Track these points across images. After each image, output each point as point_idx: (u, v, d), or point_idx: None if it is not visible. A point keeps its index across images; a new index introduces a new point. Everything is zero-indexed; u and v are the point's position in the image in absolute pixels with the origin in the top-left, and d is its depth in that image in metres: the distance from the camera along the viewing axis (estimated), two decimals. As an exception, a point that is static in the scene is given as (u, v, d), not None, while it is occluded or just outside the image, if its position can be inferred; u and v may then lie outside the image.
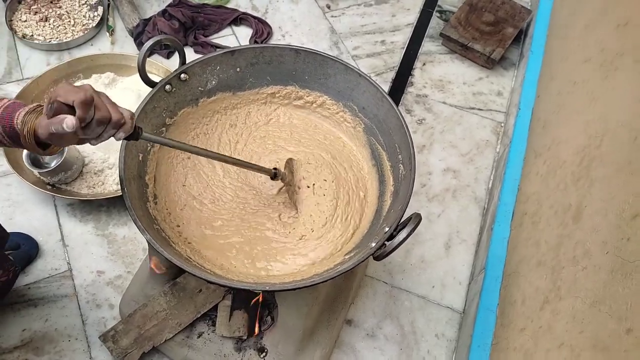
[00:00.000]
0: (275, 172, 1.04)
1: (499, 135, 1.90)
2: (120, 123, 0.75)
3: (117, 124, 0.74)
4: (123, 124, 0.75)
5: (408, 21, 2.22)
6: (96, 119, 0.71)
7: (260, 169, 1.03)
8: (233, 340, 1.32)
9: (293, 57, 1.13)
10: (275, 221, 1.08)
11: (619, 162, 1.00)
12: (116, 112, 0.74)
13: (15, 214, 1.57)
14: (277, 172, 1.04)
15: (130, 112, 0.77)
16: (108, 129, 0.74)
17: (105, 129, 0.74)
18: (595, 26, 1.46)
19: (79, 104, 0.69)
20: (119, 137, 0.77)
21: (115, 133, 0.76)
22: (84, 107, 0.69)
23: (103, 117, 0.72)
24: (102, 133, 0.74)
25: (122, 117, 0.75)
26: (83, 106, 0.69)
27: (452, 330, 1.50)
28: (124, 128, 0.76)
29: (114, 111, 0.74)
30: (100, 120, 0.72)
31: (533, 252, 1.26)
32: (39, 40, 1.92)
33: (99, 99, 0.72)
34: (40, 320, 1.40)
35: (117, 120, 0.74)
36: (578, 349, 0.89)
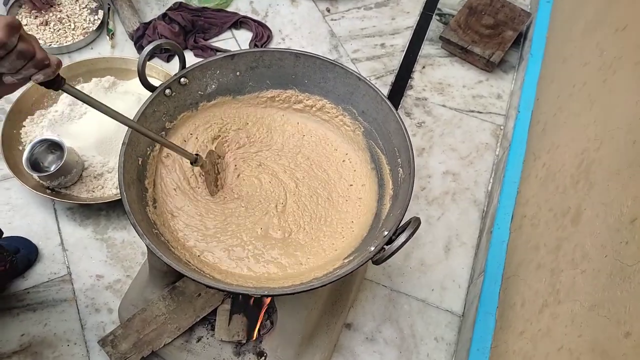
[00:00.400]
0: (196, 158, 1.03)
1: (499, 138, 1.90)
2: (44, 63, 0.70)
3: (40, 63, 0.69)
4: (47, 65, 0.71)
5: (408, 24, 2.23)
6: (18, 49, 0.66)
7: (183, 152, 1.02)
8: (232, 344, 1.32)
9: (293, 61, 1.13)
10: (275, 225, 1.08)
11: (618, 166, 1.00)
12: (42, 51, 0.69)
13: (14, 218, 1.57)
14: (197, 158, 1.03)
15: (59, 59, 0.73)
16: (28, 66, 0.69)
17: (26, 65, 0.68)
18: (594, 29, 1.47)
19: (4, 26, 0.63)
20: (37, 78, 0.71)
21: (36, 73, 0.70)
22: (9, 30, 0.64)
23: (26, 50, 0.67)
24: (21, 69, 0.68)
25: (46, 58, 0.70)
26: (8, 29, 0.64)
27: (452, 334, 1.49)
28: (45, 70, 0.71)
29: (40, 50, 0.69)
30: (22, 52, 0.66)
31: (532, 255, 1.26)
32: (38, 44, 1.92)
33: (28, 34, 0.68)
34: (39, 325, 1.40)
35: (41, 58, 0.69)
36: (577, 352, 0.89)
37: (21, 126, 1.66)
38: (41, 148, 1.53)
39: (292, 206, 1.11)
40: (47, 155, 1.56)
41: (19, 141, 1.64)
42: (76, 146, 1.58)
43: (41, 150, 1.54)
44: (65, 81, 0.77)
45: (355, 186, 1.15)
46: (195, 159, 1.03)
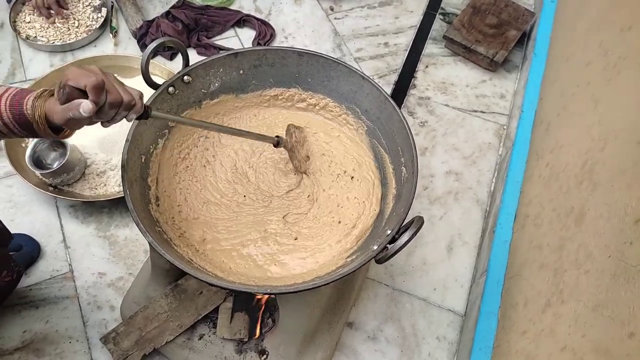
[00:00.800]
0: (278, 140, 1.05)
1: (502, 138, 1.90)
2: (131, 104, 0.76)
3: (129, 105, 0.76)
4: (134, 105, 0.77)
5: (411, 23, 2.22)
6: (108, 102, 0.72)
7: (262, 137, 1.04)
8: (234, 342, 1.32)
9: (296, 60, 1.13)
10: (278, 223, 1.08)
11: (622, 166, 0.99)
12: (126, 93, 0.75)
13: (17, 215, 1.57)
14: (279, 140, 1.05)
15: (138, 91, 0.78)
16: (120, 111, 0.75)
17: (118, 111, 0.75)
18: (598, 29, 1.46)
19: (91, 89, 0.70)
20: (130, 118, 0.79)
21: (128, 114, 0.77)
22: (97, 91, 0.70)
23: (115, 100, 0.73)
24: (115, 115, 0.76)
25: (132, 99, 0.76)
26: (95, 91, 0.70)
27: (454, 333, 1.49)
28: (135, 109, 0.77)
29: (125, 93, 0.75)
30: (112, 104, 0.73)
31: (535, 255, 1.26)
32: (42, 42, 1.93)
33: (109, 81, 0.73)
34: (41, 322, 1.40)
35: (128, 101, 0.75)
36: (580, 352, 0.89)
37: (24, 123, 1.66)
38: (44, 145, 1.53)
39: (297, 205, 1.11)
40: (49, 152, 1.56)
41: (22, 139, 1.64)
42: (79, 144, 1.58)
43: (44, 148, 1.54)
44: (151, 109, 0.84)
45: (358, 185, 1.15)
46: (277, 141, 1.05)
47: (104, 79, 0.71)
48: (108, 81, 0.73)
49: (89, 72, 0.70)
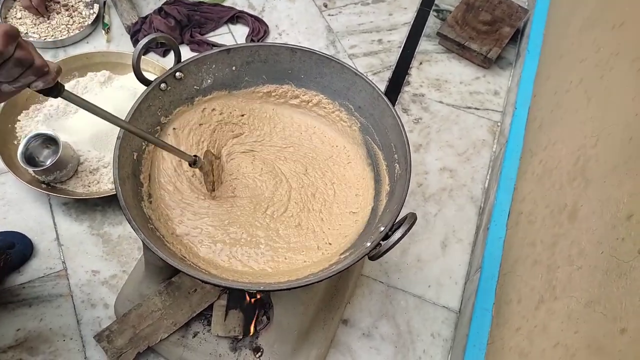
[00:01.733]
0: (195, 159, 1.01)
1: (496, 135, 1.90)
2: (43, 71, 0.68)
3: (39, 70, 0.68)
4: (46, 72, 0.69)
5: (405, 20, 2.22)
6: (16, 57, 0.64)
7: (181, 154, 1.00)
8: (228, 339, 1.32)
9: (289, 56, 1.12)
10: (271, 220, 1.08)
11: (614, 162, 1.00)
12: (41, 58, 0.68)
13: (9, 213, 1.56)
14: (197, 160, 1.02)
15: (58, 65, 0.71)
16: (27, 74, 0.67)
17: (24, 73, 0.66)
18: (591, 26, 1.46)
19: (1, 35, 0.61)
20: (36, 86, 0.69)
21: (34, 81, 0.69)
22: (6, 38, 0.62)
23: (24, 57, 0.65)
24: (19, 77, 0.67)
25: (45, 65, 0.68)
26: (5, 38, 0.62)
27: (448, 330, 1.50)
28: (45, 77, 0.69)
29: (39, 57, 0.67)
30: (20, 60, 0.65)
31: (529, 251, 1.26)
32: (34, 38, 1.91)
33: (27, 42, 0.66)
34: (34, 320, 1.39)
35: (40, 65, 0.67)
36: (573, 348, 0.89)
37: (16, 120, 1.65)
38: (36, 142, 1.52)
39: (290, 202, 1.11)
40: (42, 149, 1.55)
41: (14, 135, 1.63)
42: (71, 141, 1.57)
43: (36, 145, 1.53)
44: (64, 88, 0.75)
45: (351, 182, 1.14)
46: (194, 160, 1.02)
47: (19, 32, 0.63)
48: (22, 40, 0.65)
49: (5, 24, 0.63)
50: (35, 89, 0.70)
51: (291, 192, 1.12)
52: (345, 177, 1.15)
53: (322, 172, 1.16)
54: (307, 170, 1.16)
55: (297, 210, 1.10)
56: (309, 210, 1.10)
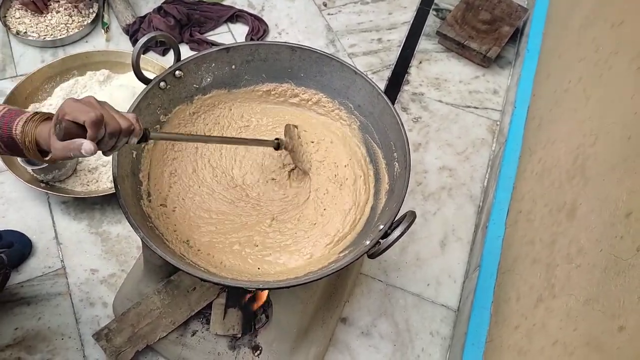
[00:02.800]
0: (277, 143, 1.04)
1: (495, 134, 1.90)
2: (130, 130, 0.74)
3: (128, 131, 0.74)
4: (133, 130, 0.75)
5: (404, 19, 2.22)
6: (108, 133, 0.71)
7: (261, 142, 1.03)
8: (227, 338, 1.32)
9: (289, 55, 1.12)
10: (270, 218, 1.08)
11: (613, 160, 1.00)
12: (124, 119, 0.73)
13: (8, 211, 1.56)
14: (279, 142, 1.04)
15: (134, 115, 0.77)
16: (120, 139, 0.74)
17: (118, 139, 0.74)
18: (590, 25, 1.46)
19: (90, 125, 0.68)
20: (132, 142, 0.77)
21: (128, 140, 0.76)
22: (96, 127, 0.69)
23: (114, 130, 0.72)
24: (116, 143, 0.74)
25: (131, 124, 0.74)
26: (94, 126, 0.68)
27: (447, 328, 1.50)
28: (134, 133, 0.76)
29: (122, 119, 0.73)
30: (112, 134, 0.72)
31: (528, 250, 1.27)
32: (33, 37, 1.91)
33: (106, 112, 0.71)
34: (33, 319, 1.39)
35: (127, 128, 0.74)
36: (572, 346, 0.89)
37: (15, 119, 1.65)
38: (35, 141, 1.52)
39: (289, 201, 1.11)
40: (41, 148, 1.55)
41: (13, 134, 1.63)
42: (71, 140, 1.57)
43: (35, 144, 1.53)
44: (149, 131, 0.80)
45: (350, 180, 1.14)
46: (277, 144, 1.04)
47: (102, 113, 0.70)
48: (106, 112, 0.71)
49: (87, 107, 0.68)
50: (132, 145, 0.78)
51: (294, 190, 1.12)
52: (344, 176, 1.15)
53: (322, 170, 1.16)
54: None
55: (299, 206, 1.10)
56: (311, 207, 1.10)
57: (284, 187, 1.13)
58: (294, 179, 1.15)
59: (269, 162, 1.15)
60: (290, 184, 1.14)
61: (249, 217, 1.07)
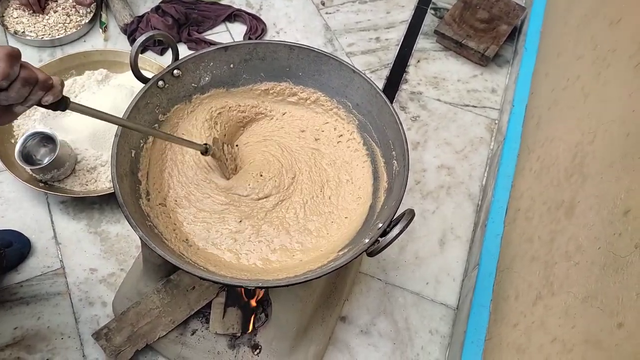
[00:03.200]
0: (206, 148, 1.02)
1: (493, 132, 1.91)
2: (49, 84, 0.69)
3: (45, 85, 0.69)
4: (51, 85, 0.70)
5: (403, 18, 2.22)
6: (22, 77, 0.65)
7: (190, 144, 1.01)
8: (227, 337, 1.32)
9: (287, 53, 1.12)
10: (270, 216, 1.08)
11: (611, 158, 1.00)
12: (43, 73, 0.69)
13: (7, 211, 1.56)
14: (207, 148, 1.02)
15: (59, 78, 0.72)
16: (35, 91, 0.68)
17: (32, 90, 0.68)
18: (588, 23, 1.47)
19: (4, 57, 0.63)
20: (46, 100, 0.71)
21: (43, 96, 0.70)
22: (10, 59, 0.63)
23: (30, 76, 0.66)
24: (29, 95, 0.68)
25: (49, 79, 0.69)
26: (8, 59, 0.63)
27: (446, 327, 1.50)
28: (52, 91, 0.70)
29: (41, 72, 0.69)
30: (26, 79, 0.66)
31: (526, 248, 1.27)
32: (31, 37, 1.91)
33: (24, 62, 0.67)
34: (32, 318, 1.39)
35: (45, 80, 0.69)
36: (570, 343, 0.89)
37: (13, 119, 1.65)
38: (34, 141, 1.52)
39: (288, 199, 1.11)
40: (39, 148, 1.55)
41: (12, 134, 1.63)
42: (69, 139, 1.57)
43: (34, 143, 1.53)
44: (70, 100, 0.76)
45: (349, 179, 1.15)
46: (205, 149, 1.02)
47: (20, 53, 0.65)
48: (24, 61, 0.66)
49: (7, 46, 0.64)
50: (45, 103, 0.71)
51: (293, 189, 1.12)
52: (343, 175, 1.15)
53: (320, 169, 1.16)
54: (306, 167, 1.16)
55: (297, 207, 1.10)
56: (308, 206, 1.10)
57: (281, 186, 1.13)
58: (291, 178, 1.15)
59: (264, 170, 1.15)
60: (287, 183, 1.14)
61: (248, 217, 1.07)
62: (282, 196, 1.10)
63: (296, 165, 1.15)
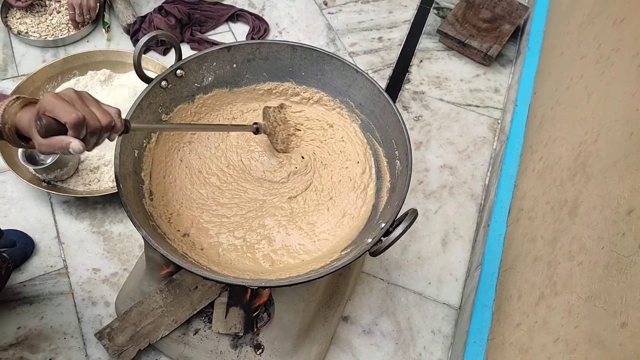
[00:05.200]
0: (257, 127, 1.04)
1: (496, 132, 1.90)
2: (111, 126, 0.74)
3: (108, 128, 0.73)
4: (114, 126, 0.74)
5: (405, 18, 2.22)
6: (89, 132, 0.70)
7: (240, 127, 1.03)
8: (229, 337, 1.32)
9: (290, 53, 1.12)
10: (273, 217, 1.08)
11: (614, 158, 1.00)
12: (105, 116, 0.72)
13: (10, 211, 1.56)
14: (259, 127, 1.04)
15: (116, 109, 0.76)
16: (101, 135, 0.73)
17: (99, 136, 0.73)
18: (592, 22, 1.46)
19: (72, 127, 0.68)
20: (112, 138, 0.77)
21: (109, 135, 0.75)
22: (77, 129, 0.68)
23: (95, 129, 0.71)
24: (97, 140, 0.73)
25: (111, 120, 0.73)
26: (76, 128, 0.68)
27: (449, 327, 1.50)
28: (115, 129, 0.75)
29: (103, 116, 0.72)
30: (93, 133, 0.71)
31: (529, 248, 1.27)
32: (34, 37, 1.91)
33: (86, 108, 0.70)
34: (35, 318, 1.39)
35: (108, 124, 0.73)
36: (573, 343, 0.89)
37: (17, 119, 1.65)
38: (37, 141, 1.52)
39: (290, 199, 1.11)
40: (43, 148, 1.55)
41: (15, 134, 1.63)
42: (72, 139, 1.57)
43: (37, 144, 1.53)
44: (130, 123, 0.80)
45: (352, 179, 1.15)
46: (256, 128, 1.04)
47: (83, 113, 0.69)
48: (86, 111, 0.70)
49: (67, 106, 0.67)
50: (113, 140, 0.79)
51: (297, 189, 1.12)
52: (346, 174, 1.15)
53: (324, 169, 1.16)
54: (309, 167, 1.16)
55: (300, 207, 1.10)
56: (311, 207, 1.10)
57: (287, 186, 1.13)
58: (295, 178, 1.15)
59: (269, 164, 1.15)
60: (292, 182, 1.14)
61: (251, 216, 1.07)
62: (290, 194, 1.10)
63: (311, 163, 1.15)
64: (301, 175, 1.14)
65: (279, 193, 1.12)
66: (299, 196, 1.11)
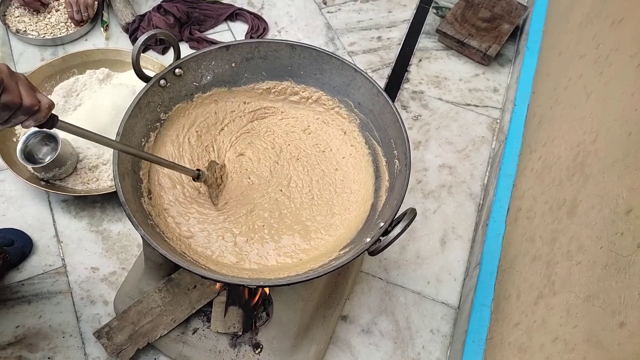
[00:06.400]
0: (198, 174, 1.02)
1: (495, 132, 1.90)
2: (33, 110, 0.67)
3: (29, 110, 0.67)
4: (36, 111, 0.68)
5: (404, 17, 2.22)
6: (2, 102, 0.64)
7: (183, 169, 1.00)
8: (228, 336, 1.32)
9: (289, 52, 1.12)
10: (271, 215, 1.08)
11: (613, 157, 1.00)
12: (30, 97, 0.67)
13: (9, 210, 1.56)
14: (200, 174, 1.02)
15: (50, 100, 0.71)
16: (16, 115, 0.67)
17: (13, 114, 0.66)
18: (590, 22, 1.46)
19: None
20: (27, 125, 0.70)
21: (25, 120, 0.69)
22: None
23: (10, 102, 0.65)
24: (9, 118, 0.67)
25: (36, 104, 0.67)
26: None
27: (447, 326, 1.50)
28: (35, 116, 0.69)
29: (28, 96, 0.67)
30: (6, 105, 0.64)
31: (528, 247, 1.27)
32: (32, 36, 1.91)
33: (11, 80, 0.65)
34: (34, 317, 1.39)
35: (30, 106, 0.67)
36: (572, 343, 0.89)
37: (15, 118, 1.65)
38: (35, 139, 1.52)
39: (290, 197, 1.11)
40: (41, 146, 1.55)
41: (13, 133, 1.63)
42: (71, 138, 1.57)
43: (35, 142, 1.53)
44: (58, 119, 0.74)
45: (351, 178, 1.15)
46: (197, 174, 1.02)
47: (4, 77, 0.64)
48: (9, 80, 0.65)
49: None
50: (26, 127, 0.71)
51: (295, 188, 1.12)
52: (345, 174, 1.15)
53: (323, 168, 1.16)
54: (307, 166, 1.16)
55: (299, 206, 1.10)
56: (310, 206, 1.10)
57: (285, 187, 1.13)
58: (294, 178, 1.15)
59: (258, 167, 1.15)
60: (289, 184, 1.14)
61: (249, 216, 1.07)
62: (281, 196, 1.10)
63: (292, 165, 1.15)
64: (300, 178, 1.14)
65: (277, 194, 1.12)
66: (296, 197, 1.11)
